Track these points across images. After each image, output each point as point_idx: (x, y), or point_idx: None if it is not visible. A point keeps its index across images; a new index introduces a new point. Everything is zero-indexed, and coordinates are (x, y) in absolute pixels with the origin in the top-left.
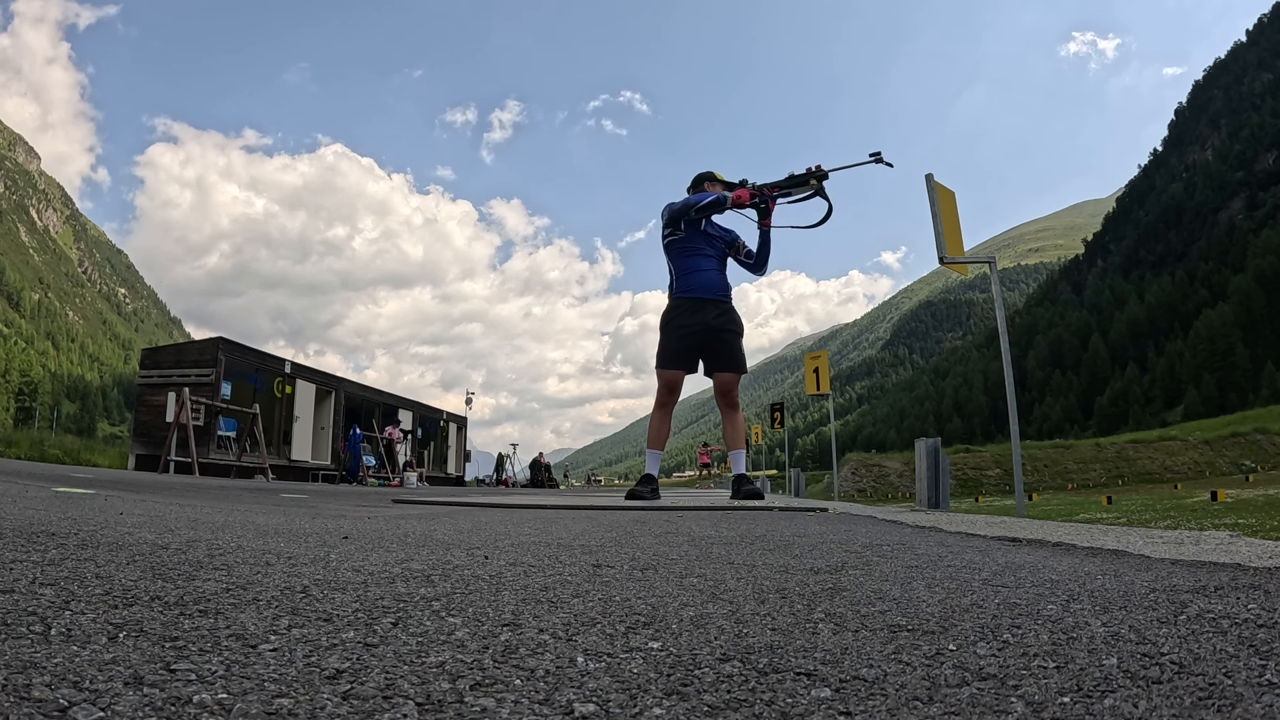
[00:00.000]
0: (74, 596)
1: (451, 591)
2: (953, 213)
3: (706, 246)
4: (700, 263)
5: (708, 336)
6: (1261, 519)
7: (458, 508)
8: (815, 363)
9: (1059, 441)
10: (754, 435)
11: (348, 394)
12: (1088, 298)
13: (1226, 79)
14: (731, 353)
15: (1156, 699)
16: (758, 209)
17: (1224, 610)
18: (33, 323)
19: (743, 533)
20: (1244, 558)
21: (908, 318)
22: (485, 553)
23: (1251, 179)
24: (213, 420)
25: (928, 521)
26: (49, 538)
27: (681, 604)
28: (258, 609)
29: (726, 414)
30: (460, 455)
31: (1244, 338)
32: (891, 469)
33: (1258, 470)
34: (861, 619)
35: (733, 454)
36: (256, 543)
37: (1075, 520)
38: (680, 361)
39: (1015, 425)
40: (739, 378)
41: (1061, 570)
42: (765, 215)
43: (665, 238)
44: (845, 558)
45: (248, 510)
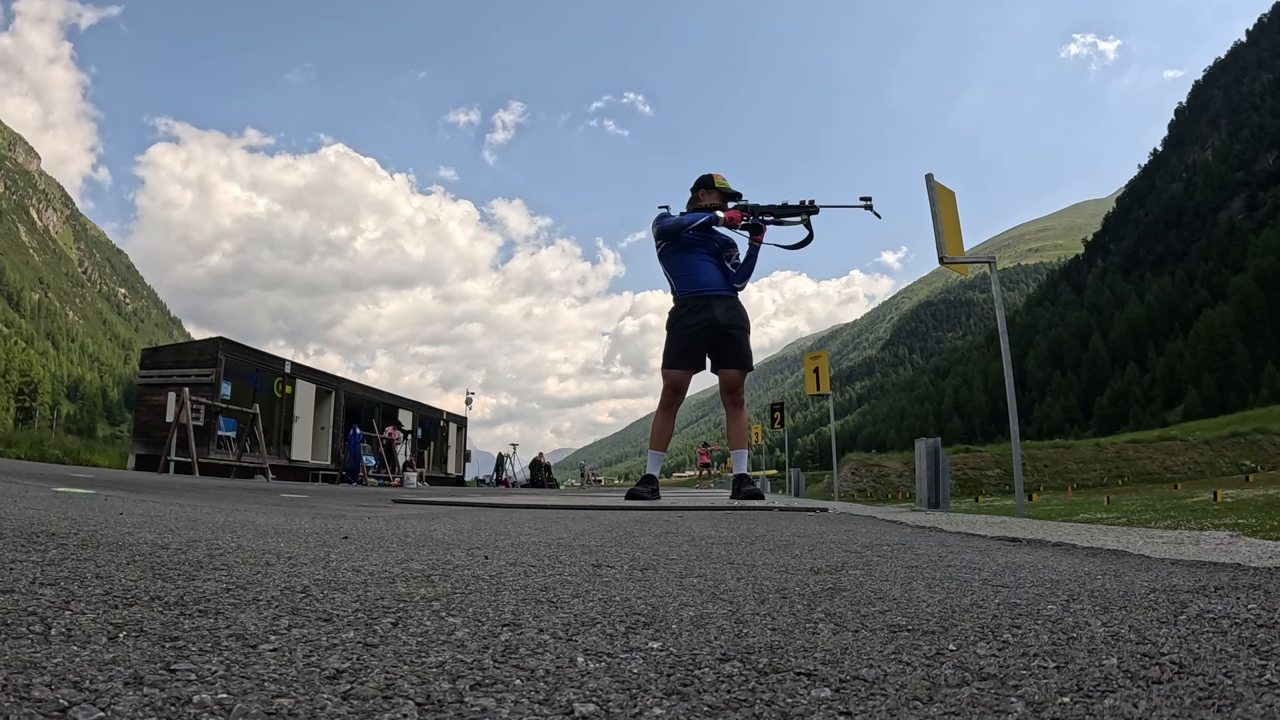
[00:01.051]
0: (74, 596)
1: (451, 591)
2: (953, 213)
3: (702, 247)
4: (699, 262)
5: (715, 333)
6: (1261, 519)
7: (458, 508)
8: (815, 363)
9: (1059, 441)
10: (754, 435)
11: (348, 394)
12: (1088, 298)
13: (1226, 79)
14: (739, 349)
15: (1156, 699)
16: (750, 229)
17: (1224, 610)
18: (33, 323)
19: (743, 533)
20: (1244, 558)
21: (908, 318)
22: (485, 553)
23: (1251, 179)
24: (213, 420)
25: (928, 521)
26: (49, 538)
27: (681, 604)
28: (258, 609)
29: (731, 411)
30: (460, 455)
31: (1244, 338)
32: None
33: (1258, 470)
34: (861, 619)
35: (735, 453)
36: (256, 543)
37: (1075, 520)
38: (687, 361)
39: (1015, 425)
40: (745, 375)
41: (1061, 570)
42: (757, 233)
43: (659, 249)
44: (845, 558)
45: (248, 510)
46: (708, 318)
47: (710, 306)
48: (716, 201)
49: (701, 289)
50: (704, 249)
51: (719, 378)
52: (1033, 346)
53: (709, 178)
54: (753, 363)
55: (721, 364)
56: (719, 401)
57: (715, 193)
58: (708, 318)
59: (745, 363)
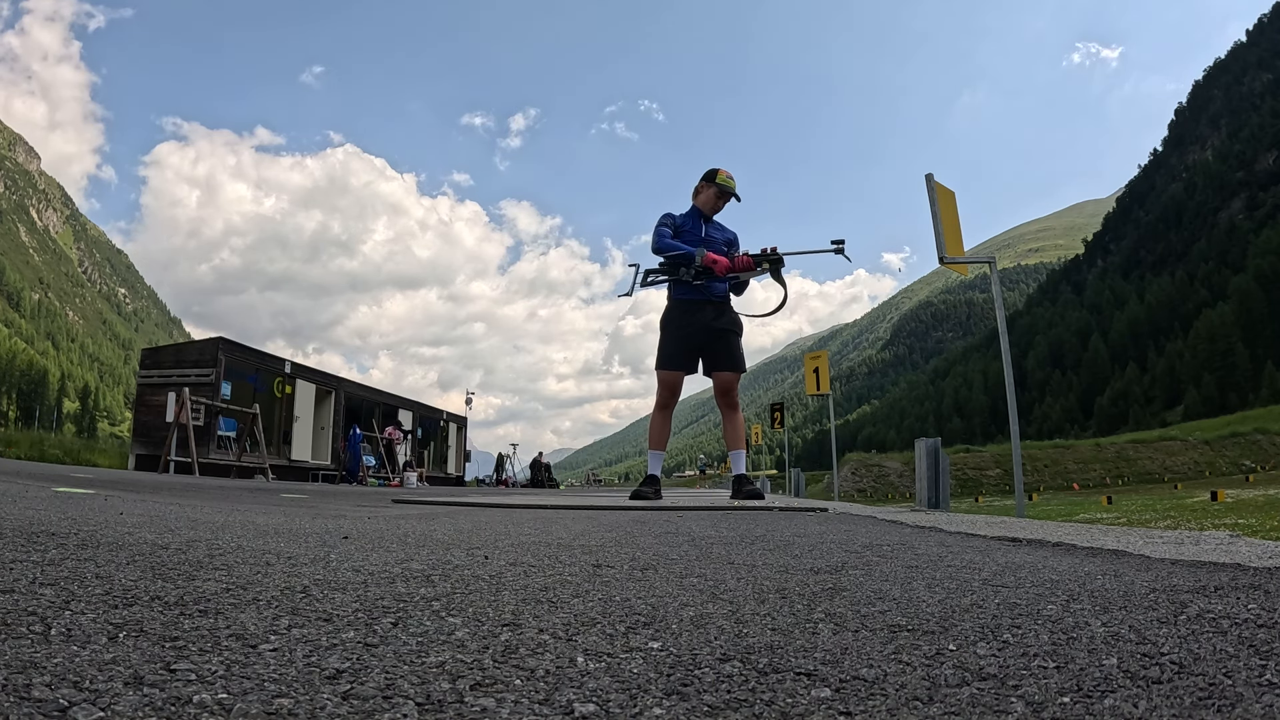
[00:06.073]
0: (74, 596)
1: (451, 591)
2: (953, 213)
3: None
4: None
5: (707, 336)
6: (1261, 519)
7: (458, 508)
8: (815, 363)
9: (1059, 441)
10: (754, 435)
11: (348, 394)
12: (1088, 298)
13: (1226, 79)
14: (731, 352)
15: (1156, 699)
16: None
17: (1224, 610)
18: (33, 323)
19: (743, 533)
20: (1244, 558)
21: (908, 318)
22: (485, 553)
23: (1251, 179)
24: (213, 420)
25: (928, 521)
26: (49, 538)
27: (681, 604)
28: (258, 609)
29: (726, 414)
30: (460, 455)
31: (1244, 338)
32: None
33: (1258, 470)
34: (861, 619)
35: (733, 454)
36: (256, 543)
37: (1075, 520)
38: (680, 362)
39: (1015, 425)
40: (739, 377)
41: (1061, 570)
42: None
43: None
44: (845, 558)
45: (248, 510)
46: (700, 321)
47: (702, 310)
48: (711, 196)
49: (695, 292)
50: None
51: (713, 380)
52: (1033, 346)
53: (714, 172)
54: (745, 365)
55: (715, 367)
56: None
57: (714, 188)
58: (700, 321)
59: (738, 365)
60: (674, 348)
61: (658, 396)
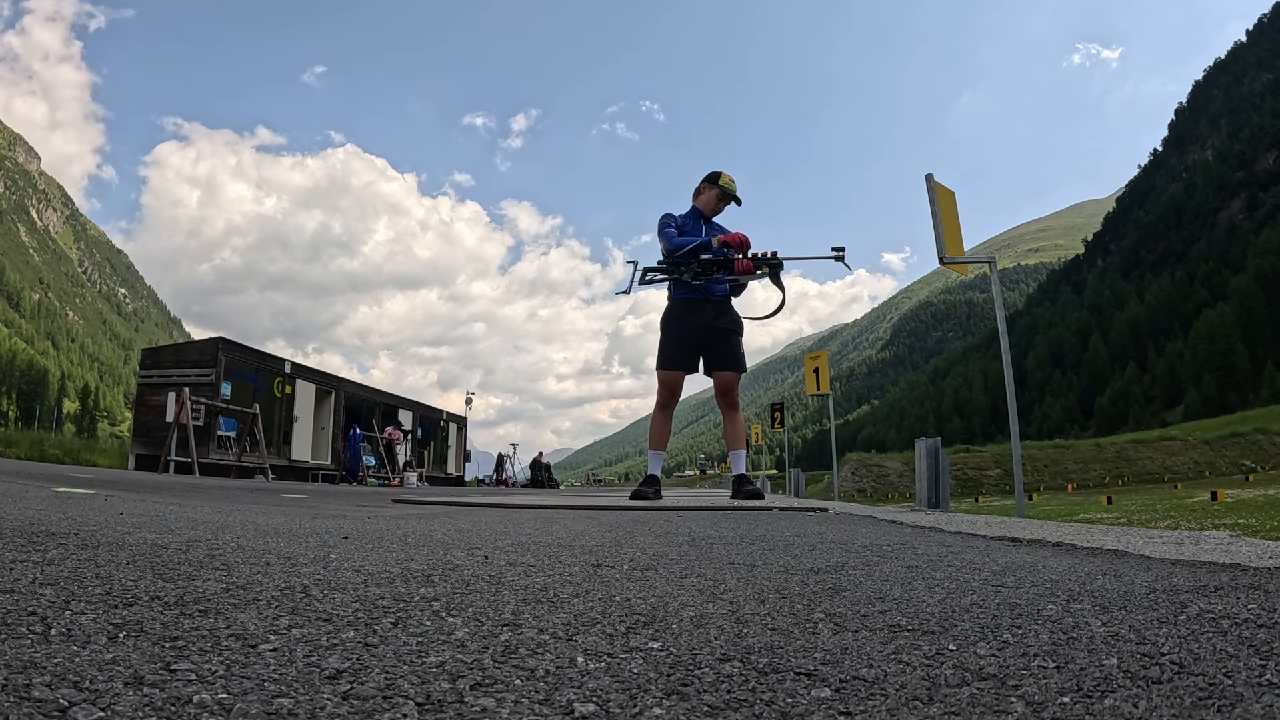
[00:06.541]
0: (74, 596)
1: (451, 591)
2: (953, 213)
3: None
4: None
5: (708, 336)
6: (1261, 519)
7: (458, 508)
8: (815, 362)
9: (1059, 441)
10: (754, 435)
11: (348, 394)
12: (1088, 298)
13: (1226, 79)
14: (732, 351)
15: (1156, 699)
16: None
17: (1224, 610)
18: (33, 323)
19: (743, 533)
20: (1244, 558)
21: (908, 318)
22: (485, 553)
23: (1251, 179)
24: (213, 420)
25: (928, 521)
26: (49, 538)
27: (681, 604)
28: (258, 609)
29: (727, 414)
30: (460, 455)
31: (1244, 338)
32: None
33: (1258, 470)
34: (861, 619)
35: (733, 454)
36: (256, 543)
37: (1075, 520)
38: (680, 362)
39: (1015, 425)
40: (739, 377)
41: (1061, 570)
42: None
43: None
44: (845, 558)
45: (248, 510)
46: (700, 321)
47: (702, 310)
48: (712, 198)
49: (696, 292)
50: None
51: (713, 380)
52: (1033, 346)
53: (717, 174)
54: (746, 364)
55: (715, 366)
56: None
57: (716, 190)
58: (700, 321)
59: (739, 365)
60: (674, 347)
61: (658, 396)
